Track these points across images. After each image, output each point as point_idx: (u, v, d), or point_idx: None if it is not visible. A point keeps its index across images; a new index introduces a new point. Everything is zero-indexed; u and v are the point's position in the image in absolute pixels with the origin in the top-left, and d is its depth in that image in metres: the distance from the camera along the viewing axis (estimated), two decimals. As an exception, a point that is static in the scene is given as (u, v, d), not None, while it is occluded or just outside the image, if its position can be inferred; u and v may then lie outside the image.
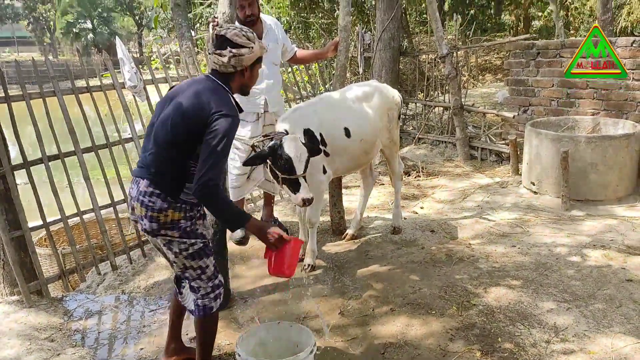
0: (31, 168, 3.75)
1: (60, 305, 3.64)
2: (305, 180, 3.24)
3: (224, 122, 2.35)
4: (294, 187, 3.23)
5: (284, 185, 3.30)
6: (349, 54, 4.45)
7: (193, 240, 2.51)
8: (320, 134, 3.71)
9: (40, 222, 3.82)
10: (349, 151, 3.92)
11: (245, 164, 3.35)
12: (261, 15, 4.24)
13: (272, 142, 3.23)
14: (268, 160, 3.25)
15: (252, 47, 2.51)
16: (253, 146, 3.38)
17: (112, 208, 4.22)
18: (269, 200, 4.74)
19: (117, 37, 5.07)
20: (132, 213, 2.55)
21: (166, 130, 2.43)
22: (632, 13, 12.47)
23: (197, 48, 9.95)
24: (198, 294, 2.62)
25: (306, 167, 3.23)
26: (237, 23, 3.72)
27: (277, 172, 3.23)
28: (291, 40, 5.04)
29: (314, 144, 3.60)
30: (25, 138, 3.79)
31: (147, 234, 2.54)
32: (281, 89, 4.70)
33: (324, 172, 3.80)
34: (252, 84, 2.70)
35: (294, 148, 3.17)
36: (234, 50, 2.46)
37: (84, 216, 4.07)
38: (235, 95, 2.62)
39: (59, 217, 3.93)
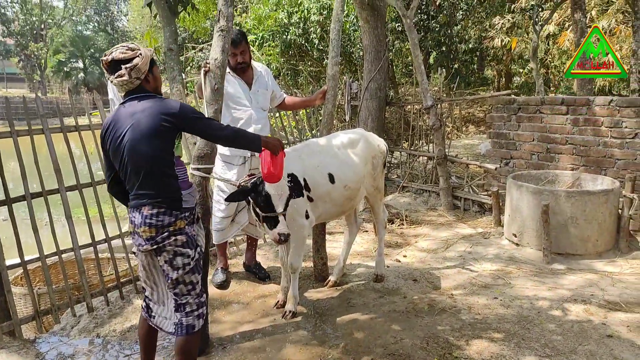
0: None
1: (33, 347, 3.53)
2: (284, 218, 3.25)
3: (186, 108, 2.73)
4: (272, 223, 3.24)
5: (263, 224, 3.31)
6: (336, 102, 4.54)
7: (193, 253, 2.73)
8: (304, 179, 3.74)
9: (18, 260, 3.74)
10: (332, 197, 3.95)
11: (227, 199, 3.36)
12: (252, 62, 4.35)
13: (255, 179, 3.28)
14: (250, 198, 3.29)
15: (139, 53, 2.70)
16: (239, 185, 3.41)
17: (92, 248, 4.15)
18: (251, 244, 4.72)
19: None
20: (137, 239, 2.72)
21: (142, 153, 2.61)
22: (609, 73, 12.97)
23: (187, 90, 10.10)
24: (183, 312, 2.76)
25: (286, 206, 3.26)
26: (227, 69, 3.81)
27: (258, 210, 3.26)
28: (280, 86, 5.15)
29: (297, 188, 3.65)
30: (7, 173, 3.75)
31: (154, 251, 2.69)
32: (269, 133, 4.76)
33: (307, 217, 3.81)
34: (160, 85, 2.92)
35: (274, 186, 3.21)
36: (128, 65, 2.65)
37: (63, 255, 4.00)
38: None
39: (37, 255, 3.86)
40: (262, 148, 3.03)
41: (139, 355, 3.06)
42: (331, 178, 3.90)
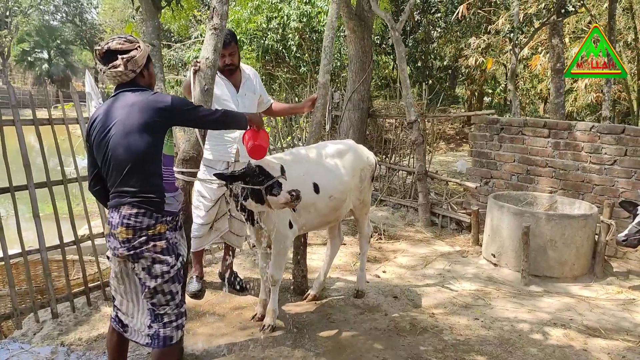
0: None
1: (-10, 355, 3.26)
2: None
3: (177, 100, 2.62)
4: (278, 189, 3.14)
5: (267, 197, 3.16)
6: (326, 111, 4.43)
7: (174, 261, 2.58)
8: None
9: (-21, 260, 3.47)
10: (316, 207, 3.82)
11: (216, 174, 3.24)
12: (241, 64, 4.20)
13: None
14: (243, 184, 3.17)
15: (139, 47, 2.62)
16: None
17: (59, 249, 3.90)
18: (229, 253, 4.54)
19: (87, 69, 4.88)
20: (112, 242, 2.55)
21: (129, 148, 2.46)
22: (577, 99, 13.36)
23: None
24: (161, 322, 2.61)
25: (282, 171, 3.23)
26: None
27: (254, 189, 3.15)
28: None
29: None
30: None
31: (130, 257, 2.53)
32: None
33: (290, 226, 3.68)
34: (154, 83, 2.83)
35: (264, 161, 3.25)
36: (125, 56, 2.55)
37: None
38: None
39: (0, 254, 3.59)
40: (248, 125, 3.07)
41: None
42: (316, 188, 3.77)
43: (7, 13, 42.18)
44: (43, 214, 3.88)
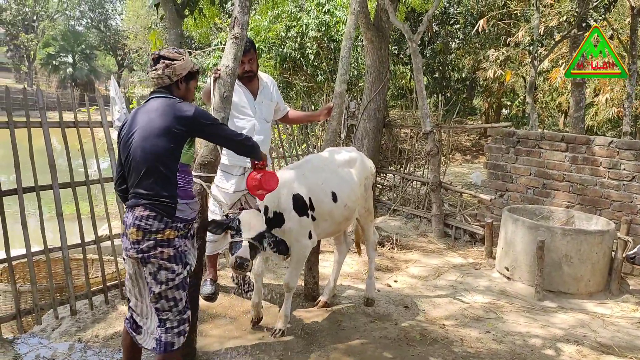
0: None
1: (11, 347, 3.36)
2: (248, 245, 3.07)
3: (200, 112, 2.68)
4: (235, 247, 3.08)
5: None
6: (341, 120, 4.49)
7: (181, 270, 2.62)
8: (310, 198, 3.66)
9: (3, 255, 3.57)
10: (333, 215, 3.87)
11: (209, 230, 3.27)
12: (259, 72, 4.28)
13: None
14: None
15: (183, 58, 2.76)
16: (227, 216, 3.34)
17: (80, 248, 4.00)
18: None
19: (112, 75, 5.01)
20: (125, 242, 2.64)
21: (146, 151, 2.55)
22: (598, 114, 13.24)
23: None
24: (163, 328, 2.65)
25: (257, 239, 3.12)
26: None
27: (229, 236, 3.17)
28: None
29: (303, 210, 3.59)
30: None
31: (139, 260, 2.59)
32: (270, 145, 4.69)
33: (310, 237, 3.72)
34: (190, 98, 2.90)
35: (248, 215, 3.19)
36: (166, 61, 2.71)
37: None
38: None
39: (21, 250, 3.70)
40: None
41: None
42: (334, 197, 3.82)
43: (34, 17, 43.13)
44: (63, 213, 3.98)
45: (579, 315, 4.57)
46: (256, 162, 3.15)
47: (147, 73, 2.75)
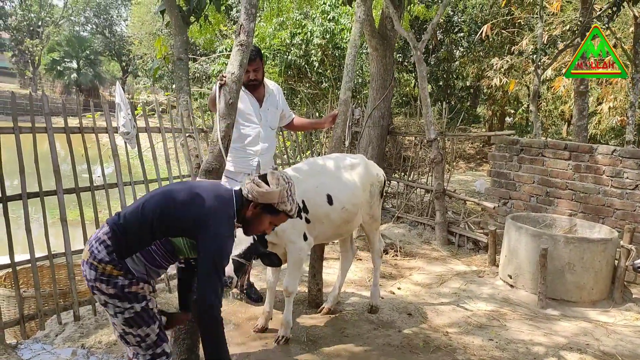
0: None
1: (14, 353, 3.37)
2: (234, 262, 3.09)
3: (221, 242, 2.34)
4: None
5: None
6: (346, 127, 4.51)
7: (129, 305, 2.34)
8: (303, 201, 3.67)
9: (7, 260, 3.59)
10: (330, 218, 3.87)
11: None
12: (265, 79, 4.31)
13: None
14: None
15: (271, 188, 2.48)
16: None
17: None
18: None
19: (117, 81, 5.05)
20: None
21: (155, 207, 2.36)
22: (601, 122, 13.22)
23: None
24: None
25: (245, 254, 3.14)
26: None
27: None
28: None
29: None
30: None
31: (88, 285, 2.38)
32: (274, 152, 4.71)
33: (305, 238, 3.73)
34: (254, 230, 2.63)
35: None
36: (255, 178, 2.51)
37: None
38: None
39: (24, 256, 3.72)
40: None
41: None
42: (329, 199, 3.83)
43: (39, 23, 43.43)
44: (67, 219, 4.00)
45: (582, 323, 4.55)
46: None
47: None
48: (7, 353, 3.31)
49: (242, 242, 3.13)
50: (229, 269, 2.94)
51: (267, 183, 2.51)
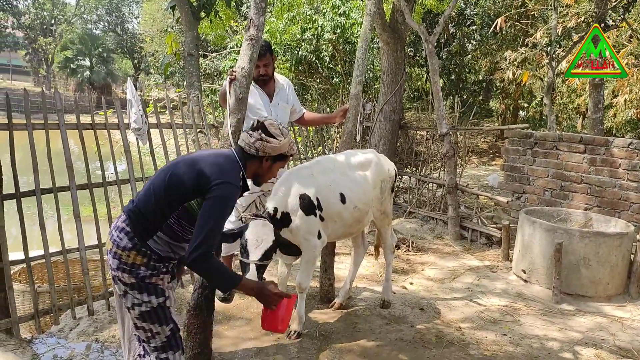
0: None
1: (29, 347, 3.41)
2: (256, 268, 2.97)
3: (224, 189, 2.33)
4: (243, 268, 3.03)
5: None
6: (357, 122, 4.48)
7: (147, 298, 2.36)
8: (317, 198, 3.66)
9: (22, 256, 3.62)
10: (342, 217, 3.85)
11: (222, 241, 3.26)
12: (275, 74, 4.29)
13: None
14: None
15: (280, 140, 2.56)
16: (242, 219, 3.33)
17: (97, 249, 4.05)
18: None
19: (128, 78, 5.07)
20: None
21: (164, 181, 2.40)
22: (617, 115, 13.04)
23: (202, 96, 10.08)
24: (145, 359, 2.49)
25: (264, 257, 3.03)
26: None
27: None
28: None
29: (310, 209, 3.58)
30: (5, 166, 3.62)
31: (111, 275, 2.43)
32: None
33: (319, 236, 3.72)
34: (267, 179, 2.70)
35: (254, 231, 3.06)
36: (263, 135, 2.53)
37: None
38: None
39: (38, 251, 3.76)
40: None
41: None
42: (342, 198, 3.81)
43: (52, 21, 43.84)
44: (81, 215, 4.03)
45: (597, 318, 4.50)
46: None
47: (244, 130, 2.60)
48: (22, 347, 3.35)
49: (262, 245, 3.05)
50: (252, 274, 2.88)
51: (268, 135, 2.55)
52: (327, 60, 11.88)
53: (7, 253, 3.45)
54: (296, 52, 11.88)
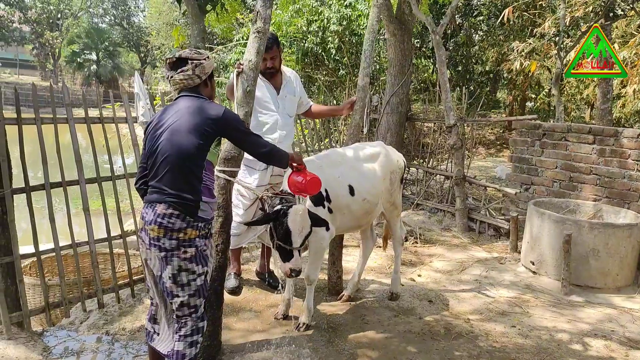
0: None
1: (40, 340, 3.45)
2: (299, 253, 3.10)
3: (228, 115, 2.72)
4: (286, 256, 3.10)
5: (275, 250, 3.20)
6: (364, 114, 4.47)
7: (201, 270, 2.65)
8: (326, 190, 3.65)
9: (32, 250, 3.65)
10: (351, 209, 3.85)
11: (249, 224, 3.35)
12: (282, 67, 4.28)
13: (280, 206, 3.10)
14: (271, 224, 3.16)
15: (208, 58, 2.83)
16: (262, 199, 3.32)
17: (106, 242, 4.07)
18: (266, 252, 4.63)
19: (136, 72, 5.07)
20: (144, 238, 2.63)
21: (174, 145, 2.57)
22: (626, 105, 12.91)
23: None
24: (181, 332, 2.66)
25: (304, 241, 3.12)
26: None
27: (275, 237, 3.11)
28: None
29: (318, 201, 3.57)
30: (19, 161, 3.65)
31: (161, 259, 2.58)
32: (293, 140, 4.69)
33: (327, 228, 3.72)
34: (214, 96, 3.00)
35: (298, 221, 3.06)
36: (195, 62, 2.75)
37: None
38: None
39: (49, 245, 3.79)
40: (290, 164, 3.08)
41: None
42: (351, 190, 3.81)
43: (59, 15, 43.92)
44: (90, 208, 4.05)
45: (607, 309, 4.48)
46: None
47: (170, 77, 2.74)
48: (33, 340, 3.39)
49: (304, 232, 3.10)
50: (297, 263, 3.10)
51: (198, 60, 2.79)
52: (334, 52, 11.81)
53: (17, 247, 3.48)
54: (302, 44, 11.82)
